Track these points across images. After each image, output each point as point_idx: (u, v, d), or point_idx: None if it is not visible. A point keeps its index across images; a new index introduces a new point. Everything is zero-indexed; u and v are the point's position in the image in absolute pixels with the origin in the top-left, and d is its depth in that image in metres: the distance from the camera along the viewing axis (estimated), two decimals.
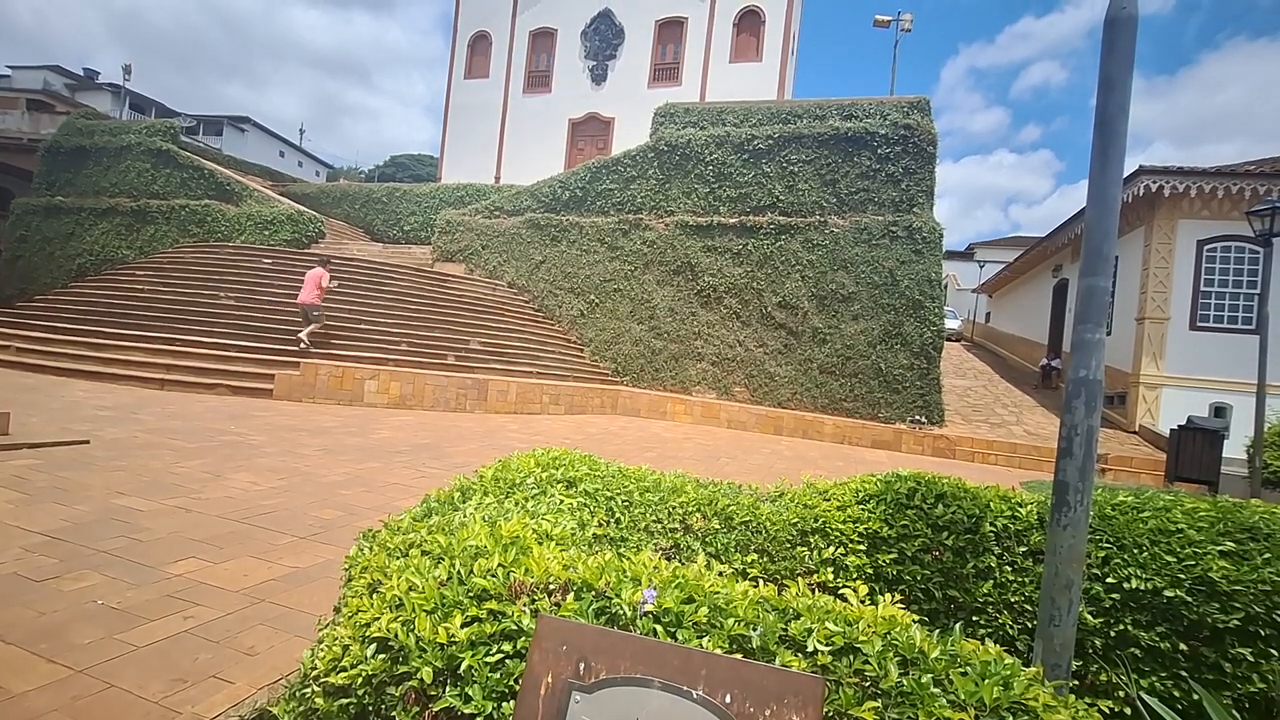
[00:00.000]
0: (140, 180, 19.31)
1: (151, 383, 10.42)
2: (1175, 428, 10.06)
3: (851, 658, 1.09)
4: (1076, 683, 2.34)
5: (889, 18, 21.46)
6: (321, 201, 23.19)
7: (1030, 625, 2.40)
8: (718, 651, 1.07)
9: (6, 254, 20.09)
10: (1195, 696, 2.23)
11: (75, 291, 15.61)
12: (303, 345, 11.29)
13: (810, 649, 1.10)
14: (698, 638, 1.12)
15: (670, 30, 26.70)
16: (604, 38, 27.46)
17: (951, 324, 26.12)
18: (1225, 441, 9.90)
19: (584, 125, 27.77)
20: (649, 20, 26.89)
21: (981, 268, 33.25)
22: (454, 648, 1.17)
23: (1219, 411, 13.44)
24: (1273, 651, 2.25)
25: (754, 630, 1.12)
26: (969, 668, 1.11)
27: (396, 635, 1.21)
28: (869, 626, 1.14)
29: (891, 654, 1.09)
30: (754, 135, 15.24)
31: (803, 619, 1.16)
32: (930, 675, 1.07)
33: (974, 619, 2.44)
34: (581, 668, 1.01)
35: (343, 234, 21.05)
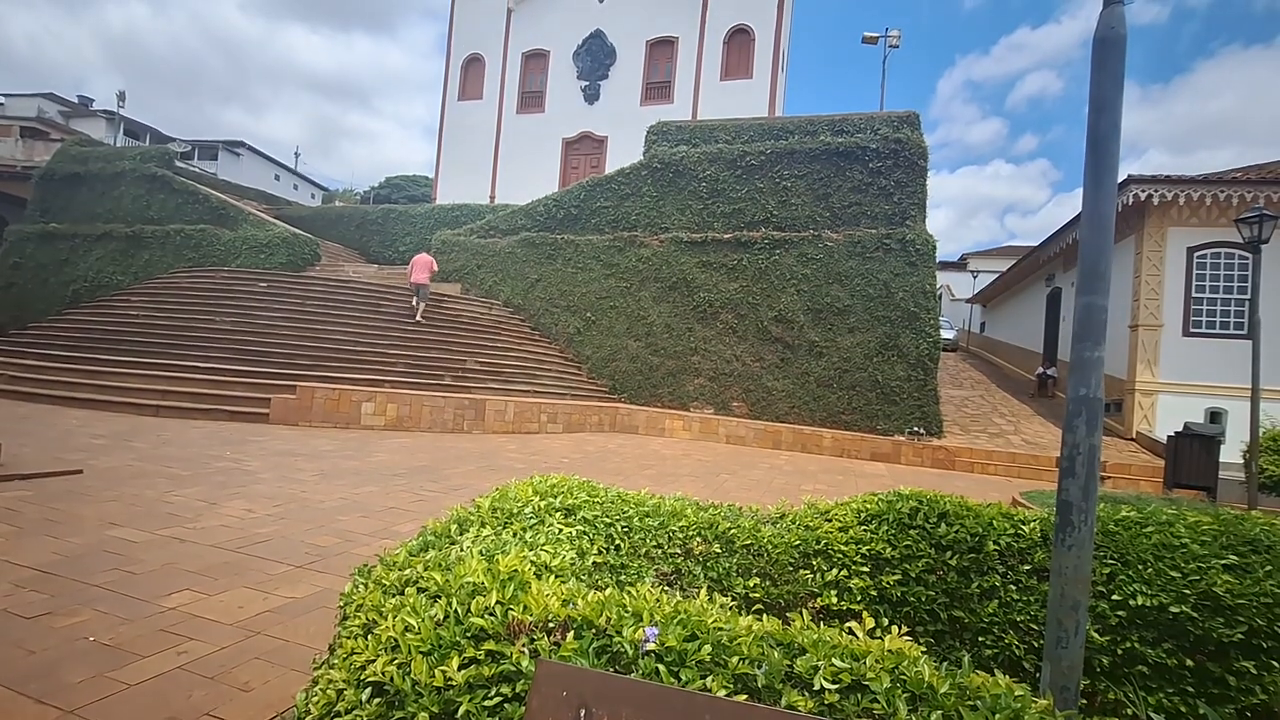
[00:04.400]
0: (135, 206, 19.34)
1: (146, 409, 10.35)
2: (1172, 434, 10.06)
3: (860, 695, 1.07)
4: (1084, 702, 2.31)
5: (877, 34, 21.78)
6: (317, 224, 23.27)
7: (1036, 644, 2.37)
8: (722, 693, 1.04)
9: (0, 282, 20.04)
10: (1201, 712, 2.20)
11: (69, 318, 15.57)
12: (418, 317, 14.38)
13: (817, 687, 1.08)
14: (701, 677, 1.10)
15: (661, 49, 27.01)
16: (596, 58, 27.76)
17: (947, 334, 26.18)
18: (1222, 447, 9.91)
19: (578, 144, 27.97)
20: (640, 40, 27.21)
21: (975, 278, 33.43)
22: (451, 691, 1.14)
23: (1214, 417, 13.47)
24: (1274, 664, 2.24)
25: (759, 668, 1.10)
26: (979, 701, 1.08)
27: (392, 679, 1.18)
28: (877, 661, 1.12)
29: (900, 690, 1.07)
30: (746, 151, 15.38)
31: (809, 655, 1.14)
32: (940, 712, 1.05)
33: (979, 639, 2.41)
34: (582, 714, 0.99)
35: (338, 256, 21.09)
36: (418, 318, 14.38)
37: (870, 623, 1.28)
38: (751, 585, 2.34)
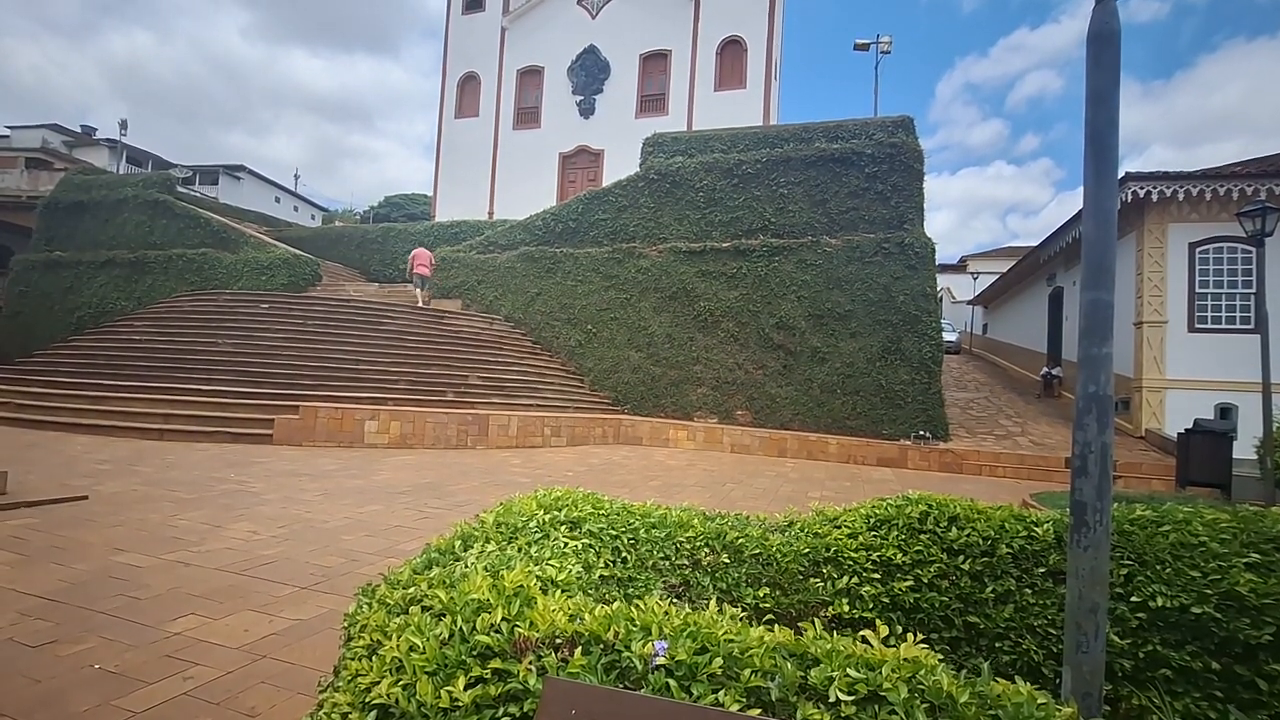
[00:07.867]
0: (138, 232, 19.47)
1: (151, 433, 10.35)
2: (1183, 431, 9.96)
3: (877, 707, 1.04)
4: (1108, 708, 2.26)
5: (868, 41, 21.92)
6: (317, 244, 23.37)
7: (1055, 649, 2.32)
8: (735, 708, 1.01)
9: (6, 310, 20.17)
10: (1232, 718, 2.14)
11: (74, 345, 15.63)
12: (420, 304, 16.08)
13: (832, 699, 1.05)
14: (713, 691, 1.07)
15: (655, 62, 27.25)
16: (590, 72, 28.00)
17: (950, 337, 26.10)
18: (1234, 443, 9.80)
19: (574, 158, 28.16)
20: (634, 54, 27.46)
21: (975, 279, 33.40)
22: (457, 713, 1.11)
23: (1225, 413, 13.35)
24: None
25: (772, 681, 1.07)
26: (1001, 711, 1.05)
27: (397, 701, 1.16)
28: (893, 671, 1.08)
29: (919, 700, 1.04)
30: (742, 160, 15.43)
31: (823, 665, 1.10)
32: None
33: (996, 646, 2.36)
34: None
35: (339, 275, 21.17)
36: (420, 304, 15.98)
37: (884, 631, 1.25)
38: (761, 595, 2.31)
